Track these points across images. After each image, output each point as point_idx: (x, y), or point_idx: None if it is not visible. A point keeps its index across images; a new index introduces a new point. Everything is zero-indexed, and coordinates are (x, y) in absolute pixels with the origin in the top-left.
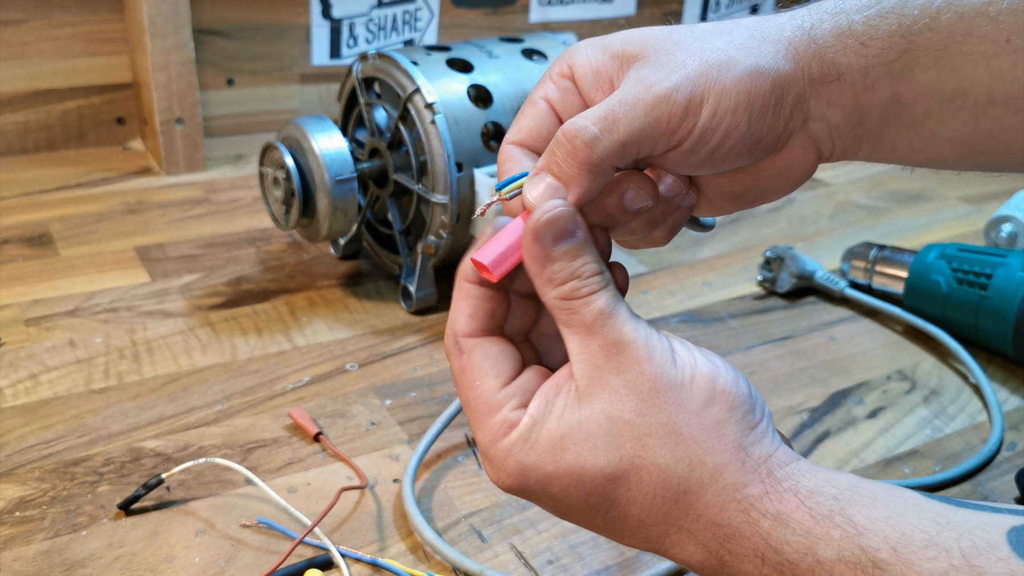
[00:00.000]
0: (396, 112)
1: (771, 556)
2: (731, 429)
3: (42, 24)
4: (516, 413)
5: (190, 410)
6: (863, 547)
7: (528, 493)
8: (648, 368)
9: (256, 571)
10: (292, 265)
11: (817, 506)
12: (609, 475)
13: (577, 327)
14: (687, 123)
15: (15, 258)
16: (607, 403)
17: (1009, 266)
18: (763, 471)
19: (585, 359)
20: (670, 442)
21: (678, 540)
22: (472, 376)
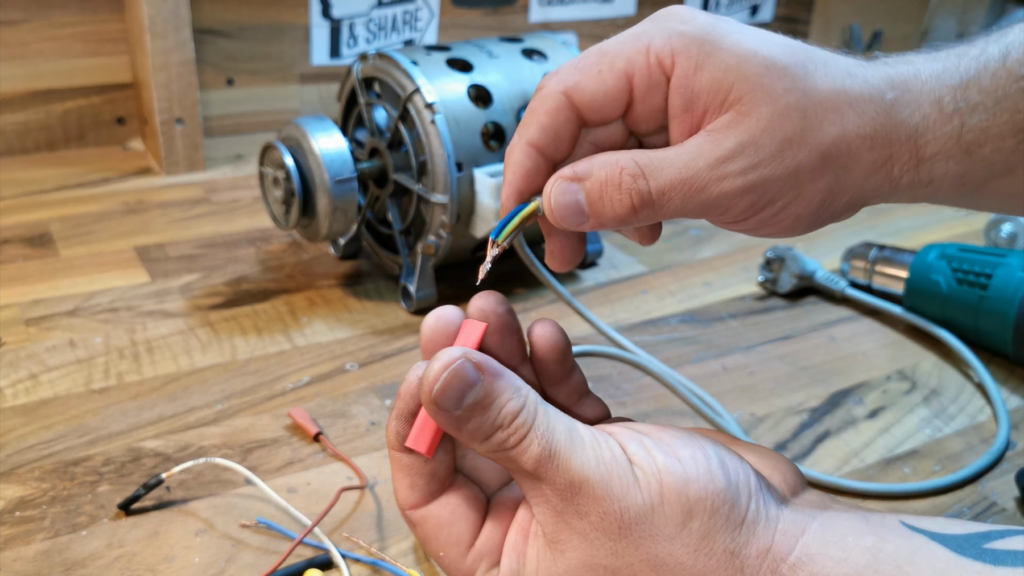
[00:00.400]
0: (396, 112)
1: None
2: (718, 539)
3: (42, 24)
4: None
5: (190, 410)
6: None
7: None
8: (611, 505)
9: (256, 571)
10: (292, 265)
11: None
12: None
13: (522, 474)
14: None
15: (15, 258)
16: (581, 551)
17: (1009, 266)
18: (765, 570)
19: (543, 504)
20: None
21: None
22: (435, 546)
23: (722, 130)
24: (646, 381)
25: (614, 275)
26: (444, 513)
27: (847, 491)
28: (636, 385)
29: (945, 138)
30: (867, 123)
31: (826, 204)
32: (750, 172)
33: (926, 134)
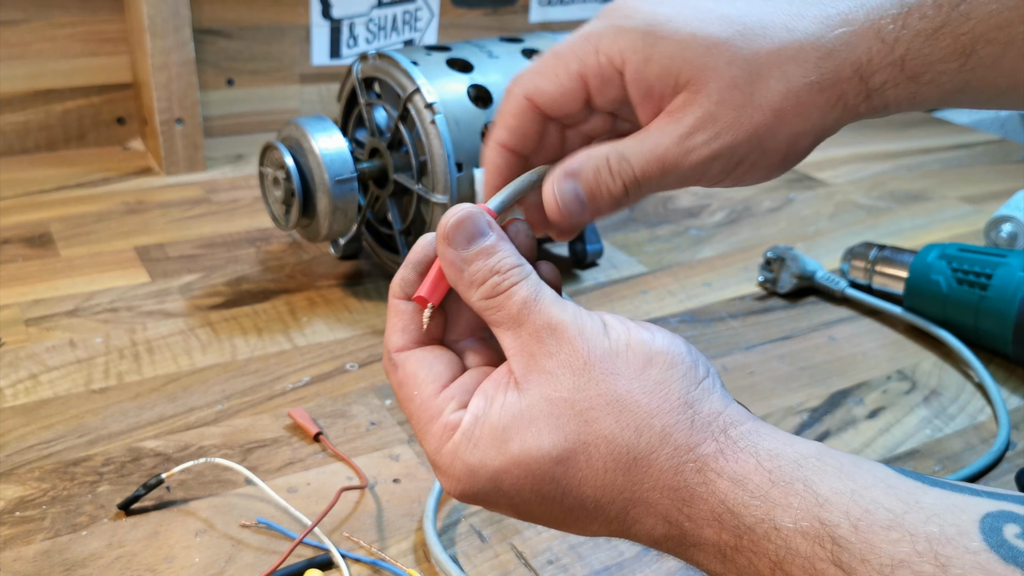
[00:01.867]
0: (396, 112)
1: (728, 519)
2: (674, 387)
3: (42, 24)
4: (457, 415)
5: (190, 410)
6: (823, 520)
7: (482, 496)
8: (580, 344)
9: (256, 571)
10: (292, 265)
11: (777, 470)
12: (556, 457)
13: (505, 322)
14: (717, 178)
15: (15, 258)
16: (544, 386)
17: (1009, 266)
18: (715, 428)
19: (519, 350)
20: (613, 411)
21: (638, 515)
22: (410, 387)
23: (680, 109)
24: None
25: (614, 275)
26: (427, 356)
27: None
28: None
29: (889, 67)
30: (811, 71)
31: (792, 148)
32: (713, 142)
33: (870, 66)
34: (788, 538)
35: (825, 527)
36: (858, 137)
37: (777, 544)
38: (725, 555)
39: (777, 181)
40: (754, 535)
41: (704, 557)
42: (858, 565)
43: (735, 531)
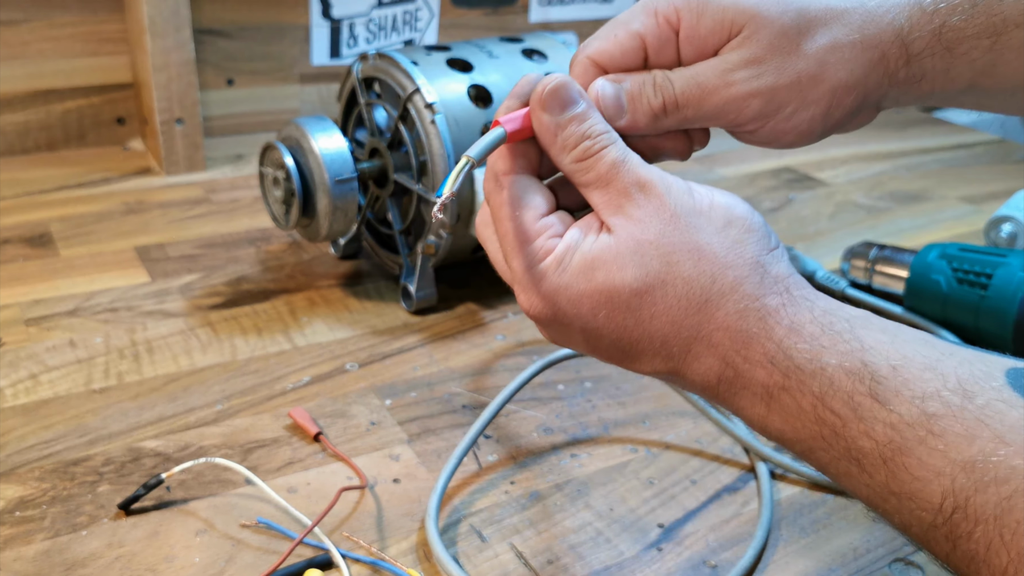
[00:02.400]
0: (396, 112)
1: (781, 360)
2: (749, 248)
3: (42, 24)
4: (552, 241)
5: (190, 410)
6: (865, 362)
7: (558, 318)
8: (667, 199)
9: (256, 571)
10: (292, 265)
11: (829, 323)
12: (636, 289)
13: (595, 183)
14: (756, 123)
15: (15, 258)
16: (633, 229)
17: (1009, 266)
18: (780, 287)
19: (607, 203)
20: (693, 258)
21: (698, 352)
22: (512, 208)
23: (729, 51)
24: (647, 381)
25: None
26: (531, 184)
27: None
28: (636, 385)
29: (928, 36)
30: (855, 30)
31: (834, 105)
32: (754, 80)
33: (912, 32)
34: (832, 375)
35: (866, 367)
36: (858, 137)
37: (821, 381)
38: (771, 395)
39: (777, 181)
40: (802, 373)
41: (750, 400)
42: (892, 397)
43: (785, 371)
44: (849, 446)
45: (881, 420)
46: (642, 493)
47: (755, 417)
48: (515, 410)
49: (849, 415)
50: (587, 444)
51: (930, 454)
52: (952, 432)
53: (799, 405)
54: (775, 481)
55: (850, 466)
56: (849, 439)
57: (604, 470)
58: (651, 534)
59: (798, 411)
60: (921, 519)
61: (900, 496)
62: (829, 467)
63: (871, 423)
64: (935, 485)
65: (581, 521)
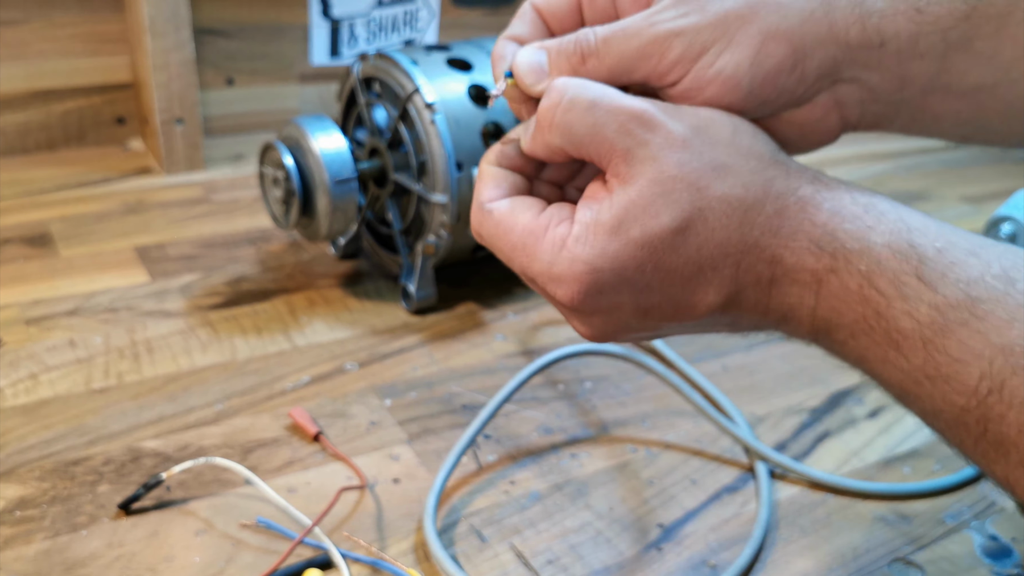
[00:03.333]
0: (396, 112)
1: (827, 242)
2: (764, 148)
3: (42, 24)
4: (563, 227)
5: (190, 410)
6: (912, 243)
7: (603, 291)
8: (671, 125)
9: (256, 571)
10: (292, 265)
11: (870, 204)
12: (677, 228)
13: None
14: (680, 67)
15: (15, 258)
16: (649, 171)
17: None
18: (808, 175)
19: (611, 153)
20: (719, 175)
21: (749, 264)
22: (508, 223)
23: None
24: (647, 380)
25: None
26: (518, 198)
27: (847, 491)
28: (636, 385)
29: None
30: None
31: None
32: (679, 19)
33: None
34: (879, 255)
35: (913, 248)
36: (858, 137)
37: (868, 259)
38: (820, 280)
39: None
40: (849, 253)
41: (799, 294)
42: (938, 279)
43: (832, 253)
44: (890, 327)
45: (926, 301)
46: (642, 493)
47: (804, 312)
48: (515, 410)
49: (894, 294)
50: (587, 444)
51: (971, 336)
52: (994, 316)
53: (846, 286)
54: (775, 481)
55: (888, 350)
56: (891, 319)
57: (604, 470)
58: (651, 534)
59: (844, 292)
60: (953, 403)
61: (935, 379)
62: (867, 352)
63: (915, 303)
64: (973, 367)
65: (581, 521)
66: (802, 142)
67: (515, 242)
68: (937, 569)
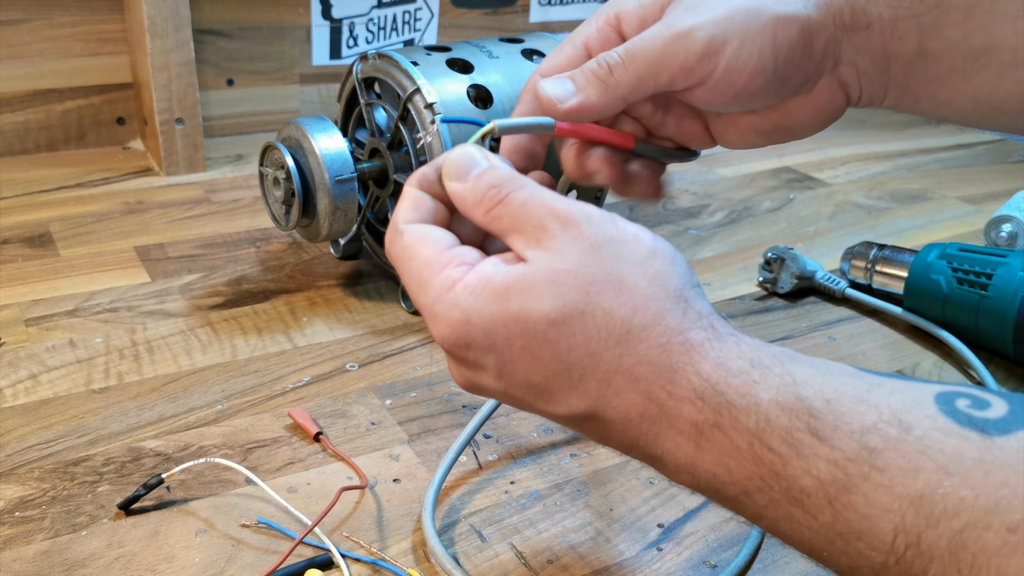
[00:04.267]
0: (396, 112)
1: (710, 396)
2: (672, 281)
3: (42, 24)
4: (460, 269)
5: (190, 410)
6: (800, 396)
7: (472, 346)
8: (587, 228)
9: (256, 571)
10: (292, 265)
11: (757, 359)
12: (553, 320)
13: (511, 226)
14: (707, 62)
15: (15, 258)
16: (550, 259)
17: (1009, 266)
18: (704, 322)
19: (526, 243)
20: (613, 288)
21: (620, 387)
22: (415, 248)
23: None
24: None
25: None
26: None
27: None
28: None
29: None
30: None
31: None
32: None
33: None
34: (767, 411)
35: (801, 401)
36: (858, 137)
37: (756, 417)
38: (702, 433)
39: (777, 181)
40: (734, 409)
41: (676, 440)
42: (830, 433)
43: (716, 407)
44: (790, 486)
45: (823, 457)
46: (642, 493)
47: (682, 460)
48: (515, 410)
49: (789, 453)
50: (587, 444)
51: (876, 490)
52: (895, 466)
53: (734, 444)
54: None
55: (791, 508)
56: (790, 478)
57: (604, 470)
58: (651, 534)
59: (733, 450)
60: (871, 560)
61: (847, 536)
62: (766, 511)
63: (812, 460)
64: (884, 522)
65: (581, 521)
66: (815, 121)
67: (413, 270)
68: None
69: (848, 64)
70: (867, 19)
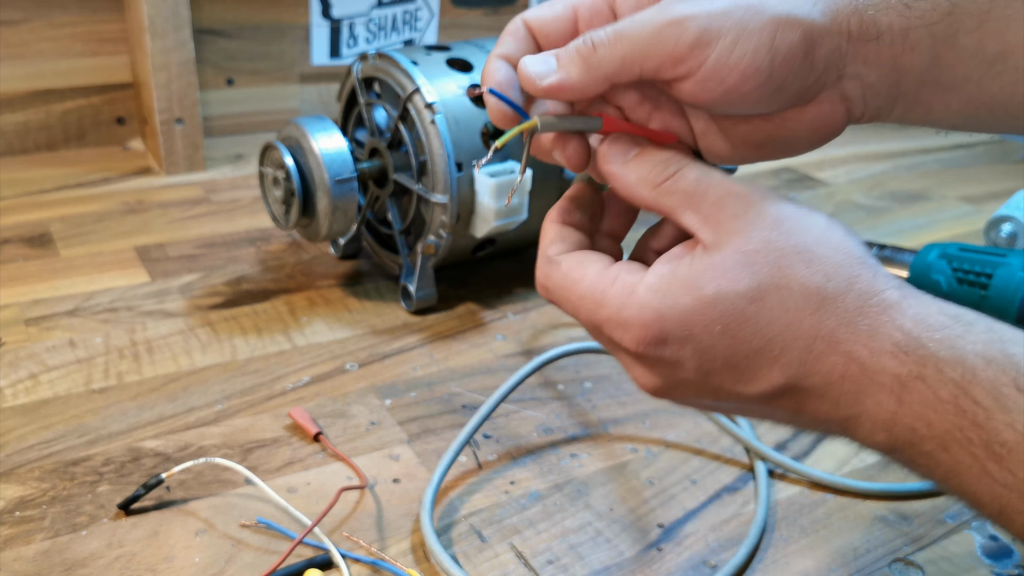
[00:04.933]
0: (396, 112)
1: (913, 347)
2: (855, 248)
3: (42, 24)
4: (634, 275)
5: (190, 410)
6: (1007, 352)
7: (668, 342)
8: (766, 205)
9: (256, 571)
10: (292, 265)
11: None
12: (751, 297)
13: (683, 202)
14: (698, 54)
15: (15, 258)
16: (736, 241)
17: (1009, 266)
18: (896, 282)
19: (703, 221)
20: (803, 260)
21: (820, 351)
22: (576, 274)
23: None
24: None
25: None
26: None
27: (847, 490)
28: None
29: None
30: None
31: (779, 38)
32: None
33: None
34: (972, 363)
35: (1009, 357)
36: (858, 137)
37: (963, 369)
38: (904, 386)
39: (777, 181)
40: (939, 361)
41: (877, 396)
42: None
43: (919, 359)
44: (991, 439)
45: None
46: (642, 493)
47: (881, 416)
48: (515, 410)
49: (993, 405)
50: (587, 444)
51: None
52: None
53: (937, 395)
54: (776, 481)
55: (988, 463)
56: (992, 431)
57: (604, 470)
58: (651, 534)
59: (936, 401)
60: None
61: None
62: (961, 466)
63: (1018, 415)
64: None
65: (581, 521)
66: (812, 137)
67: (583, 291)
68: (937, 569)
69: (853, 77)
70: (877, 30)
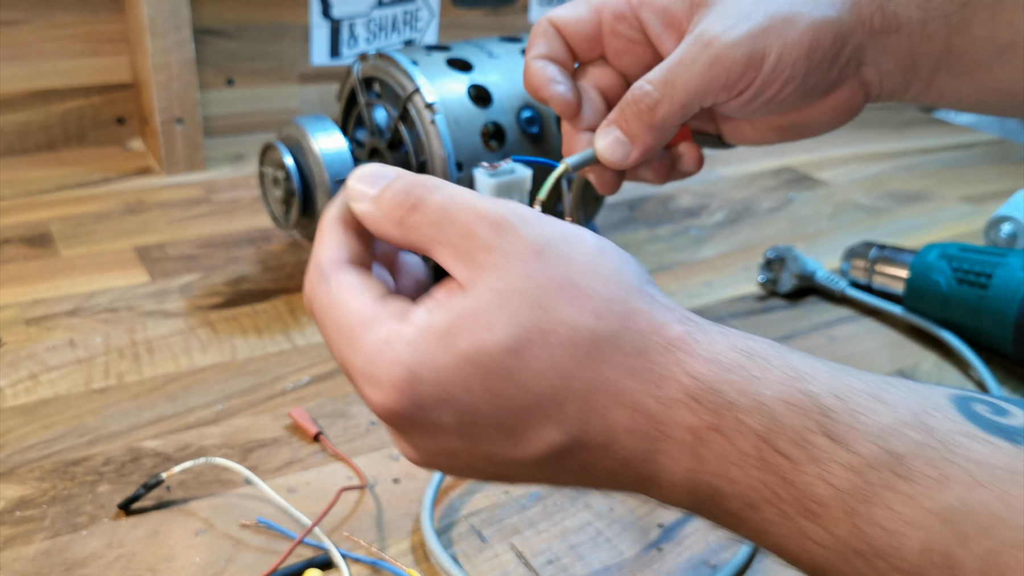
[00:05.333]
0: (396, 112)
1: (707, 396)
2: (630, 277)
3: (42, 24)
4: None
5: (190, 410)
6: (806, 392)
7: (423, 406)
8: (524, 230)
9: (256, 571)
10: (292, 265)
11: (752, 349)
12: (511, 347)
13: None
14: (747, 77)
15: (15, 258)
16: (491, 280)
17: (1009, 266)
18: (678, 315)
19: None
20: (568, 296)
21: (601, 405)
22: (345, 297)
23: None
24: None
25: None
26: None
27: None
28: None
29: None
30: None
31: (815, 44)
32: (729, 31)
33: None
34: (773, 410)
35: (811, 398)
36: (858, 137)
37: (762, 417)
38: (701, 440)
39: (777, 181)
40: (736, 410)
41: (673, 453)
42: (846, 433)
43: (714, 408)
44: (802, 495)
45: (839, 462)
46: None
47: (679, 474)
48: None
49: (801, 456)
50: None
51: (900, 502)
52: (921, 475)
53: (737, 448)
54: None
55: (802, 522)
56: (802, 486)
57: None
58: (651, 534)
59: (737, 455)
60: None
61: (867, 555)
62: (773, 526)
63: (828, 465)
64: (910, 539)
65: (581, 521)
66: (832, 120)
67: (341, 323)
68: None
69: (871, 64)
70: (897, 22)
